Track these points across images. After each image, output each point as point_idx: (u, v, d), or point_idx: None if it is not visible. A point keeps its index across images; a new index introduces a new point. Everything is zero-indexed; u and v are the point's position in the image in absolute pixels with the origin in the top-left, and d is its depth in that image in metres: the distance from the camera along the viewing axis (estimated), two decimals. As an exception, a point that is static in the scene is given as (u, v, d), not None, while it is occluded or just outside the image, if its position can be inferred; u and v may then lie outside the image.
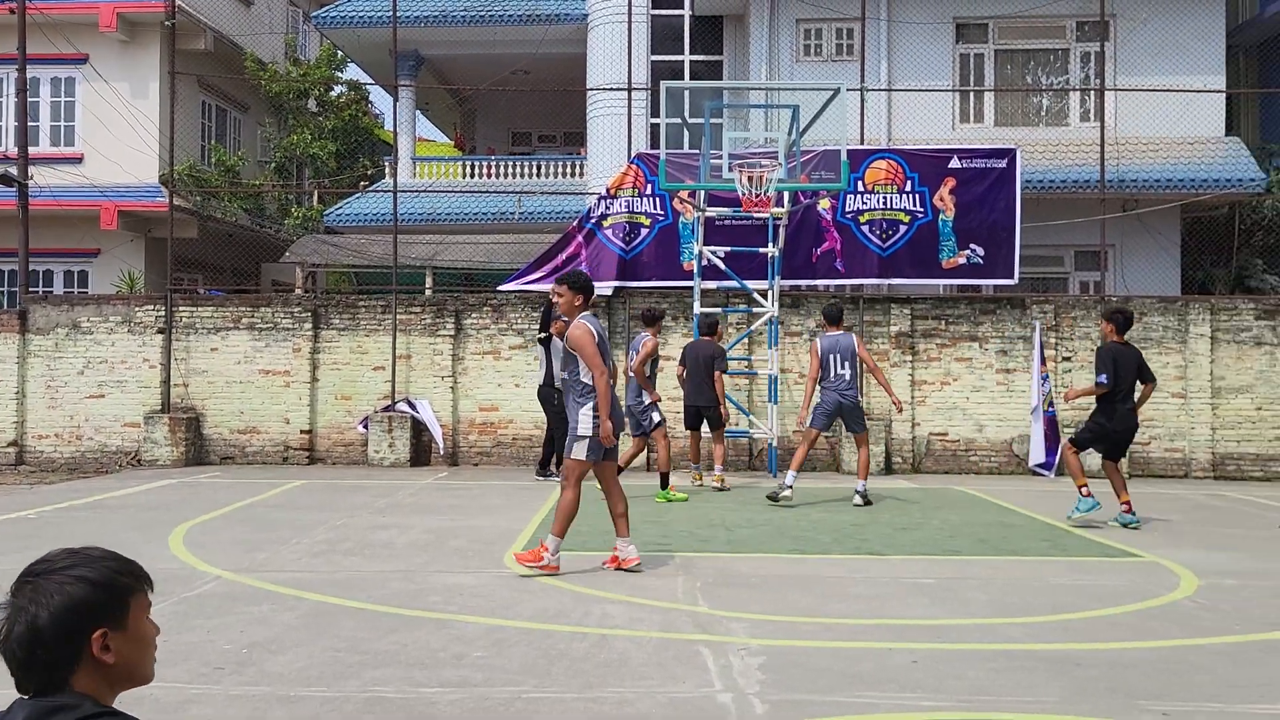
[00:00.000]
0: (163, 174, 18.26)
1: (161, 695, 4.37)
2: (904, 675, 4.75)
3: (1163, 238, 17.18)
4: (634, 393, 11.43)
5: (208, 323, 15.02)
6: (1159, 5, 17.28)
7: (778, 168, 12.46)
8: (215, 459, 14.84)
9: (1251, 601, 6.38)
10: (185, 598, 6.18)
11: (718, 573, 7.10)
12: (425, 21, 20.61)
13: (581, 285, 7.13)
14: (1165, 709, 4.33)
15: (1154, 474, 14.34)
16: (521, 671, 4.76)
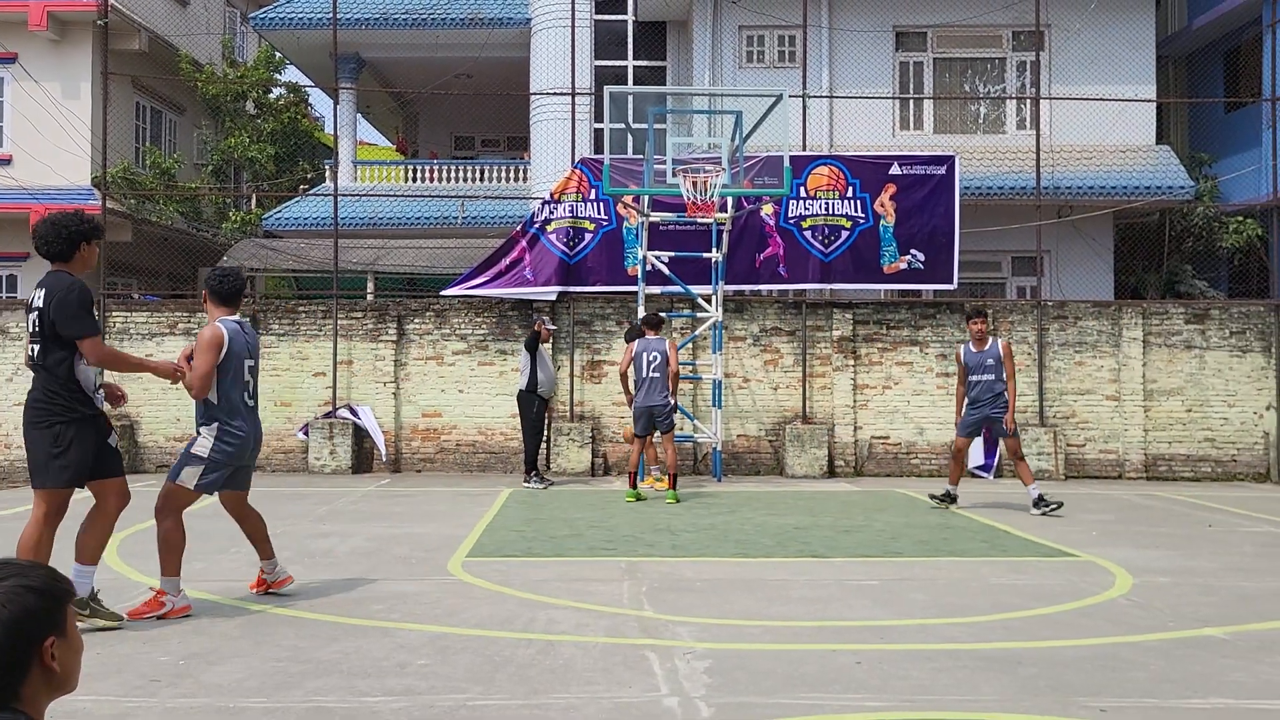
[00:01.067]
0: (95, 176, 17.86)
1: (95, 709, 4.26)
2: (848, 676, 4.79)
3: (1097, 244, 17.57)
4: (660, 393, 11.31)
5: (143, 328, 14.72)
6: (1092, 16, 17.68)
7: (721, 173, 12.53)
8: (151, 468, 14.53)
9: (1183, 599, 6.53)
10: (120, 609, 6.03)
11: (663, 577, 7.10)
12: (366, 24, 20.42)
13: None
14: (1102, 705, 4.41)
15: (1089, 475, 14.64)
16: (466, 679, 4.71)
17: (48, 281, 5.41)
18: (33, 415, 5.45)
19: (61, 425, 5.38)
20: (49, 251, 5.45)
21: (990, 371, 10.41)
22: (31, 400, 5.47)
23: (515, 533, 9.07)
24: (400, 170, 21.72)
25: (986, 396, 10.40)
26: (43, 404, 5.41)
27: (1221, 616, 6.04)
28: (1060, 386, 14.79)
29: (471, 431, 14.69)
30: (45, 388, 5.40)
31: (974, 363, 10.46)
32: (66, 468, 5.43)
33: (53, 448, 5.37)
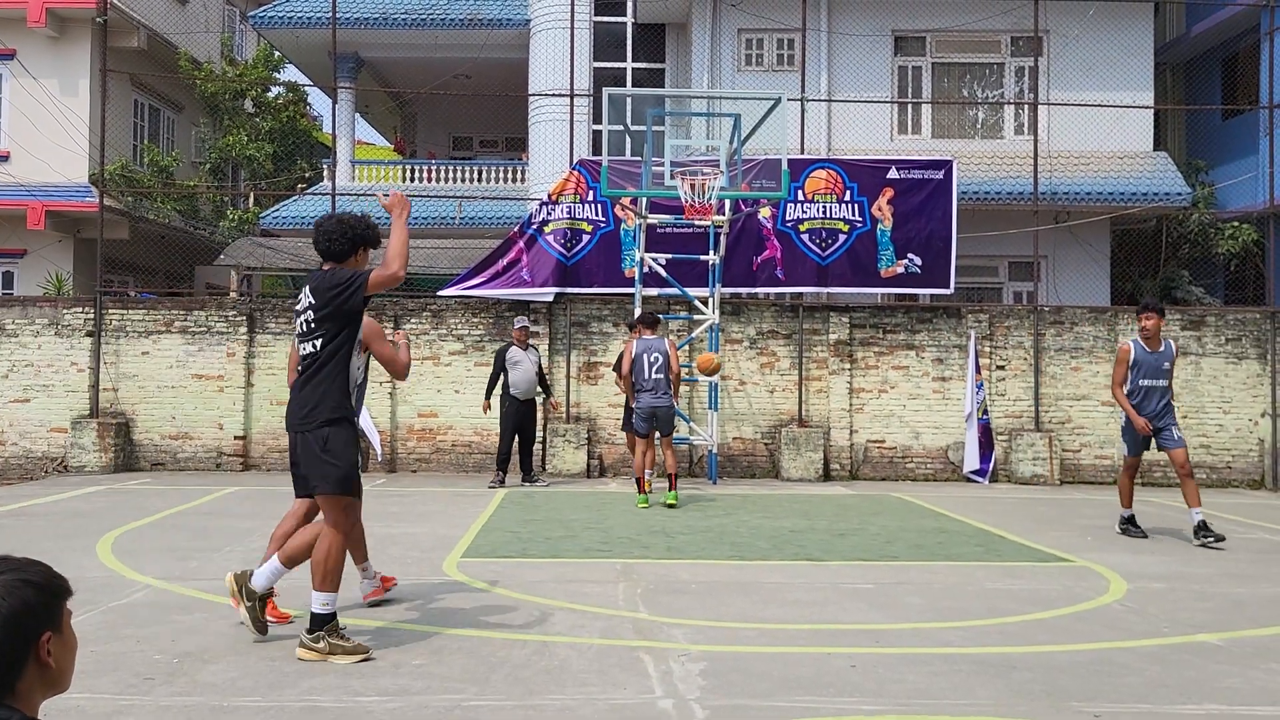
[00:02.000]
0: (93, 174, 17.84)
1: (89, 706, 4.25)
2: (843, 679, 4.79)
3: (1093, 249, 17.59)
4: (665, 393, 11.05)
5: (139, 326, 14.70)
6: (1090, 22, 17.71)
7: (719, 176, 12.54)
8: (146, 465, 14.51)
9: (1178, 605, 6.54)
10: (113, 607, 6.03)
11: (658, 579, 7.10)
12: (365, 23, 20.42)
13: None
14: (1097, 710, 4.41)
15: (1084, 480, 14.65)
16: (461, 679, 4.71)
17: (314, 279, 5.28)
18: (305, 417, 5.16)
19: (331, 428, 5.13)
20: (329, 249, 5.34)
21: (1165, 377, 9.08)
22: (302, 403, 5.19)
23: (511, 534, 9.07)
24: (398, 170, 21.71)
25: (1158, 407, 9.06)
26: (314, 405, 5.15)
27: (1216, 622, 6.05)
28: (1056, 392, 14.81)
29: (468, 432, 14.68)
30: (318, 388, 5.16)
31: (1148, 365, 9.04)
32: (339, 469, 5.14)
33: (323, 451, 5.10)
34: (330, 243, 5.34)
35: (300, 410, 5.19)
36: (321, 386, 5.16)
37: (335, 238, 5.34)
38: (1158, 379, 9.01)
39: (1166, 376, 9.05)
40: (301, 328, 5.25)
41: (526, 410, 12.95)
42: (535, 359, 13.08)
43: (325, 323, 5.15)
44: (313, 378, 5.18)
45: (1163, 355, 9.04)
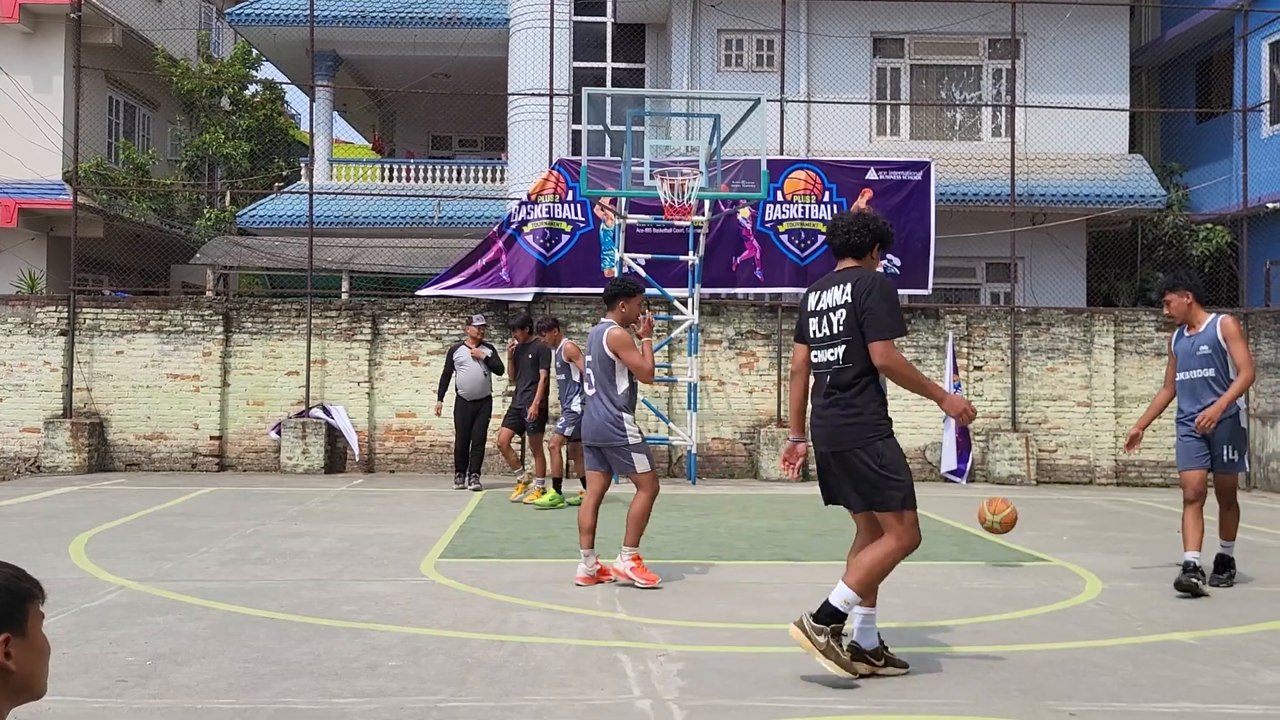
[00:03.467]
0: (67, 171, 17.67)
1: (61, 709, 4.20)
2: (820, 679, 4.79)
3: (1070, 251, 17.71)
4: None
5: (113, 325, 14.57)
6: (1067, 26, 17.82)
7: (699, 176, 12.55)
8: (120, 465, 14.39)
9: (1152, 604, 6.59)
10: (86, 608, 5.97)
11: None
12: (343, 21, 20.31)
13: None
14: (1072, 709, 4.44)
15: (1060, 480, 14.75)
16: (438, 680, 4.69)
17: (851, 276, 4.85)
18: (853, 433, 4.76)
19: (881, 442, 4.77)
20: (848, 243, 4.96)
21: (1208, 365, 6.93)
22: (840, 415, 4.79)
23: (488, 534, 9.04)
24: (376, 169, 21.61)
25: (1201, 407, 6.91)
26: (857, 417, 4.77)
27: (1189, 622, 6.10)
28: (1033, 393, 14.89)
29: (446, 432, 14.60)
30: (856, 397, 4.78)
31: (1182, 354, 7.10)
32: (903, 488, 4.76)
33: (880, 468, 4.74)
34: (850, 236, 4.97)
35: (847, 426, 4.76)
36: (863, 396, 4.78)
37: (857, 230, 4.96)
38: (1195, 368, 6.96)
39: (1209, 364, 6.90)
40: (830, 328, 4.82)
41: (474, 410, 12.45)
42: (488, 352, 12.51)
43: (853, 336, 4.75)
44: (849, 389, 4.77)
45: (1199, 338, 6.97)
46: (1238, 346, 6.83)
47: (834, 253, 5.09)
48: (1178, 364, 7.12)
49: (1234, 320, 6.93)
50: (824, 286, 4.97)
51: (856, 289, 4.77)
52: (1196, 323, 7.03)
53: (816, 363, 4.91)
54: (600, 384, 6.84)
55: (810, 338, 4.94)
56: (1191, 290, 7.05)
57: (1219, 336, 6.88)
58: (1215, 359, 6.88)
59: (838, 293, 4.84)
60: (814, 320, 4.92)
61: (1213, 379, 6.89)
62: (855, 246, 4.98)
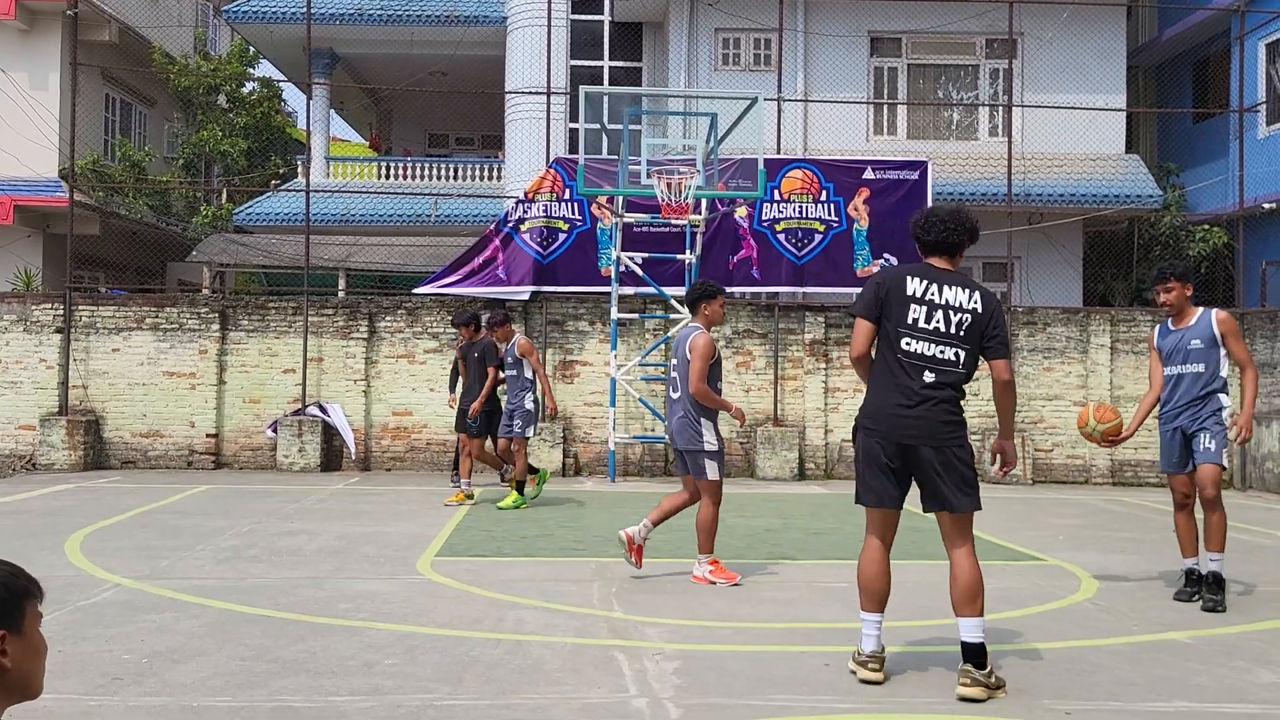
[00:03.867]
0: (63, 168, 17.65)
1: (56, 707, 4.20)
2: (816, 678, 4.80)
3: (1066, 251, 17.72)
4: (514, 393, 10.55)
5: (109, 323, 14.55)
6: (1064, 25, 17.84)
7: (696, 175, 12.55)
8: (116, 463, 14.37)
9: (1147, 603, 6.60)
10: (82, 606, 5.96)
11: (632, 578, 7.09)
12: (340, 19, 20.29)
13: None
14: (1067, 708, 4.44)
15: (1056, 480, 14.77)
16: (434, 679, 4.69)
17: (971, 283, 4.76)
18: (958, 431, 4.71)
19: (968, 445, 4.80)
20: (946, 240, 4.82)
21: (1199, 359, 6.57)
22: (948, 413, 4.70)
23: (485, 532, 9.04)
24: (373, 167, 21.60)
25: (1184, 402, 6.61)
26: (960, 417, 4.73)
27: (1185, 621, 6.11)
28: (1029, 392, 14.91)
29: (442, 430, 14.62)
30: (960, 400, 4.73)
31: (1170, 346, 6.73)
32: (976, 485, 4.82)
33: (971, 467, 4.78)
34: (948, 232, 4.81)
35: (943, 425, 4.69)
36: (958, 401, 4.74)
37: (955, 228, 4.82)
38: (1187, 363, 6.60)
39: (1200, 359, 6.56)
40: (941, 325, 4.68)
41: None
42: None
43: (972, 341, 4.70)
44: (946, 390, 4.69)
45: (1190, 332, 6.63)
46: (1237, 344, 6.56)
47: (929, 248, 4.86)
48: (1163, 358, 6.76)
49: (1230, 315, 6.67)
50: (934, 279, 4.73)
51: (986, 302, 4.71)
52: (1186, 316, 6.70)
53: (916, 353, 4.67)
54: (684, 388, 6.84)
55: (910, 325, 4.67)
56: (1190, 281, 6.77)
57: (1215, 332, 6.54)
58: (1206, 354, 6.56)
59: (964, 296, 4.69)
60: (923, 309, 4.67)
61: (1203, 374, 6.56)
62: (952, 245, 4.84)
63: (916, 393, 4.67)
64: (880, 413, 4.74)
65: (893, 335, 4.70)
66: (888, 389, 4.72)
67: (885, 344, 4.75)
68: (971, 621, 4.62)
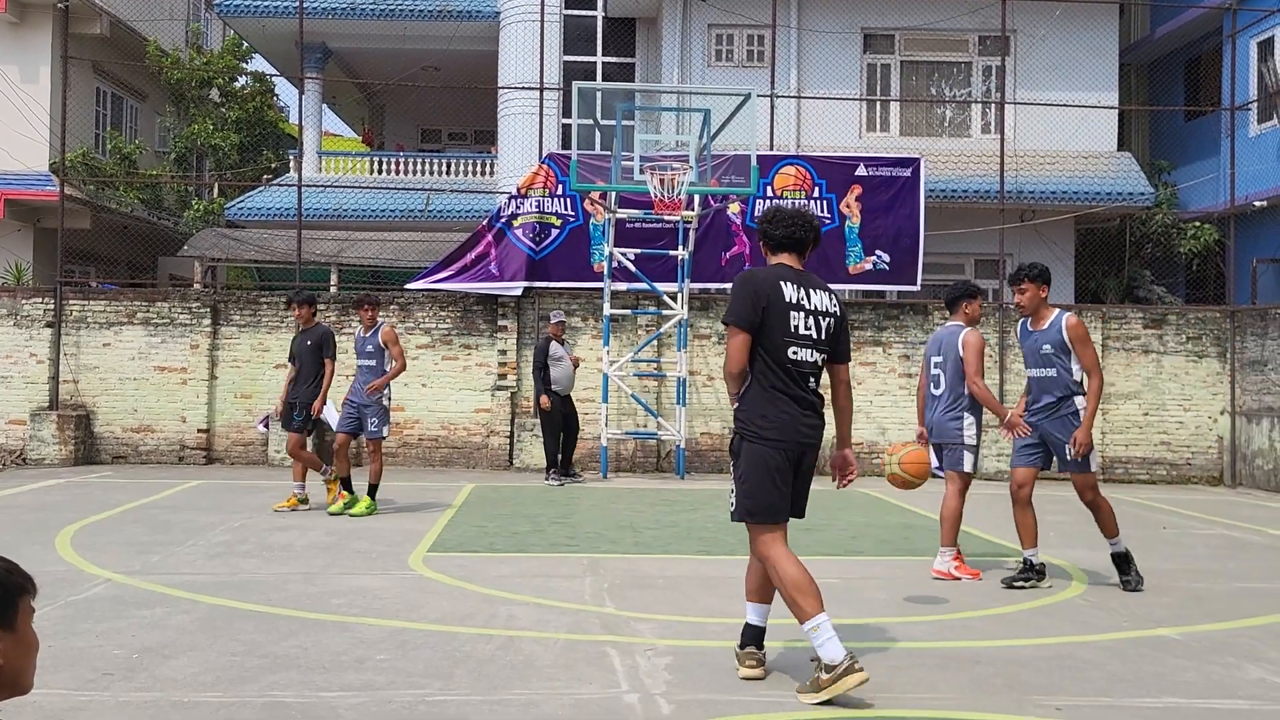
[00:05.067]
0: (54, 162, 17.57)
1: (46, 703, 4.19)
2: (807, 673, 4.80)
3: (1058, 248, 17.76)
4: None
5: (100, 317, 14.50)
6: (1057, 23, 17.86)
7: (689, 171, 12.54)
8: (107, 458, 14.33)
9: (1138, 600, 6.62)
10: (72, 601, 5.95)
11: (625, 574, 7.10)
12: (333, 13, 20.23)
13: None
14: (1058, 704, 4.46)
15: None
16: (426, 674, 4.69)
17: (823, 285, 4.78)
18: (820, 437, 4.78)
19: None
20: (803, 238, 4.76)
21: (1048, 364, 6.73)
22: (818, 416, 4.72)
23: (477, 528, 9.04)
24: (366, 162, 21.54)
25: (1039, 406, 6.81)
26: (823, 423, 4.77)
27: (1174, 617, 6.13)
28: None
29: (434, 426, 14.61)
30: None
31: (1025, 349, 6.94)
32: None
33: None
34: (796, 228, 4.74)
35: (821, 425, 4.72)
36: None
37: (802, 224, 4.75)
38: (1040, 367, 6.76)
39: (1050, 364, 6.68)
40: (814, 331, 4.63)
41: (565, 404, 12.81)
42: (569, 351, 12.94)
43: (830, 345, 4.70)
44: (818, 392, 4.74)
45: (1043, 336, 6.72)
46: (1086, 350, 6.59)
47: (780, 244, 4.76)
48: (1025, 359, 6.98)
49: (1080, 320, 6.69)
50: (802, 284, 4.66)
51: (840, 305, 4.74)
52: (1042, 318, 6.76)
53: (801, 360, 4.60)
54: (951, 385, 7.09)
55: (794, 333, 4.57)
56: (1046, 282, 6.78)
57: (1064, 338, 6.60)
58: (1056, 359, 6.65)
59: (827, 300, 4.68)
60: (801, 315, 4.59)
61: (1055, 379, 6.66)
62: (802, 242, 4.76)
63: (809, 401, 4.66)
64: (784, 423, 4.58)
65: (778, 344, 4.56)
66: (784, 399, 4.59)
67: (767, 354, 4.57)
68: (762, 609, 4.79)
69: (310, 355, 9.93)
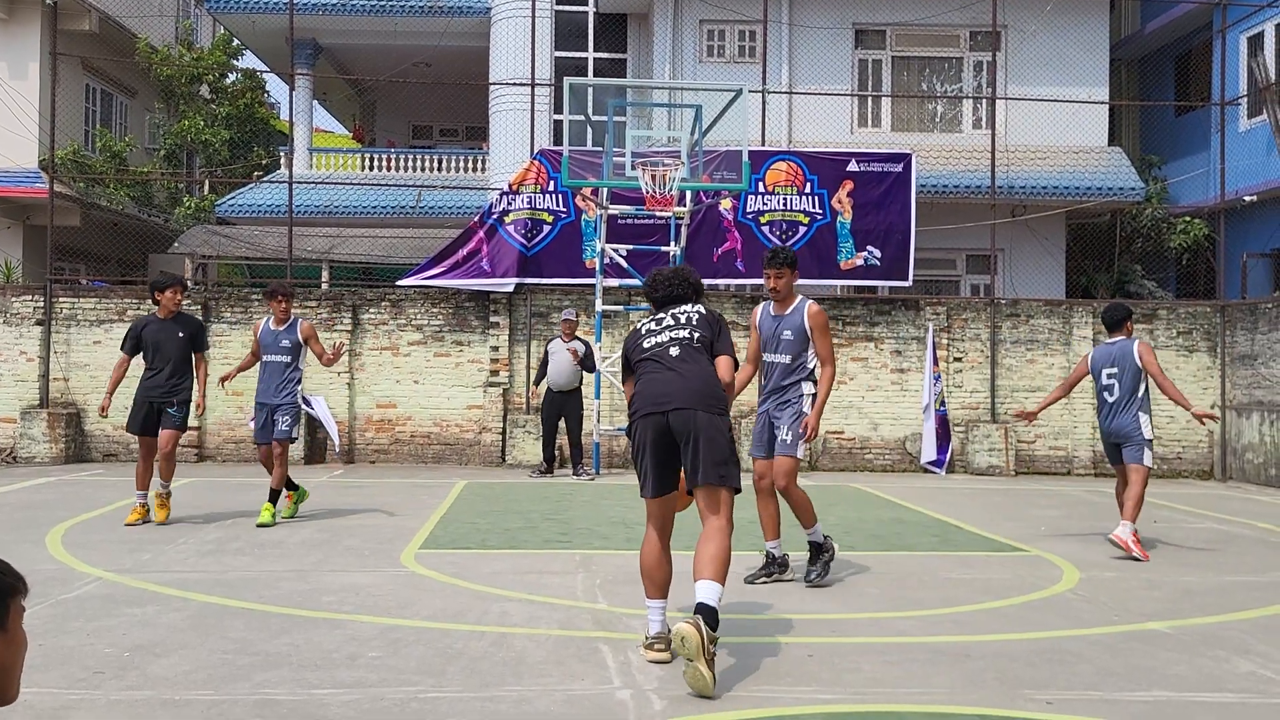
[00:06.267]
0: (43, 159, 17.50)
1: (37, 701, 4.18)
2: (800, 669, 4.81)
3: (1049, 243, 17.80)
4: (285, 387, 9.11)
5: (90, 315, 14.45)
6: (1047, 18, 17.89)
7: (680, 167, 12.54)
8: (98, 456, 14.29)
9: (1128, 594, 6.65)
10: (63, 600, 5.93)
11: (617, 570, 7.10)
12: (323, 9, 20.17)
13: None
14: (1049, 698, 4.47)
15: (1039, 471, 14.84)
16: (418, 671, 4.68)
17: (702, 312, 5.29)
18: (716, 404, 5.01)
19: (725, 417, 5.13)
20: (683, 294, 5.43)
21: (786, 350, 6.64)
22: (705, 382, 5.02)
23: (469, 525, 9.03)
24: (357, 158, 21.49)
25: (770, 390, 6.74)
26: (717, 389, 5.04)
27: (1164, 611, 6.16)
28: (1012, 384, 14.98)
29: (427, 423, 14.60)
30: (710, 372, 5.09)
31: (767, 333, 6.77)
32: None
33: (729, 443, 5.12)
34: (673, 288, 5.37)
35: (704, 389, 4.97)
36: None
37: (679, 283, 5.37)
38: (778, 352, 6.67)
39: (788, 350, 6.61)
40: (677, 332, 5.17)
41: (563, 401, 12.99)
42: (582, 349, 12.97)
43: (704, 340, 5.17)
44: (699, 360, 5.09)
45: (785, 321, 6.65)
46: (824, 340, 6.56)
47: (667, 303, 5.35)
48: (763, 343, 6.78)
49: (821, 309, 6.64)
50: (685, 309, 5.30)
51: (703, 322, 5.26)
52: (786, 304, 6.68)
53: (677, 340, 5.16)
54: (1127, 390, 8.27)
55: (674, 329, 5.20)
56: (788, 266, 6.63)
57: (805, 325, 6.55)
58: (795, 345, 6.59)
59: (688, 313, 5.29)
60: (673, 328, 5.23)
61: (787, 365, 6.63)
62: (684, 298, 5.36)
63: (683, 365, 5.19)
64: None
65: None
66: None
67: None
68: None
69: (181, 346, 8.90)
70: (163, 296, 8.92)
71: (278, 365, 9.08)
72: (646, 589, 5.00)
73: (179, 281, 9.12)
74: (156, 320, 8.98)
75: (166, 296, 8.92)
